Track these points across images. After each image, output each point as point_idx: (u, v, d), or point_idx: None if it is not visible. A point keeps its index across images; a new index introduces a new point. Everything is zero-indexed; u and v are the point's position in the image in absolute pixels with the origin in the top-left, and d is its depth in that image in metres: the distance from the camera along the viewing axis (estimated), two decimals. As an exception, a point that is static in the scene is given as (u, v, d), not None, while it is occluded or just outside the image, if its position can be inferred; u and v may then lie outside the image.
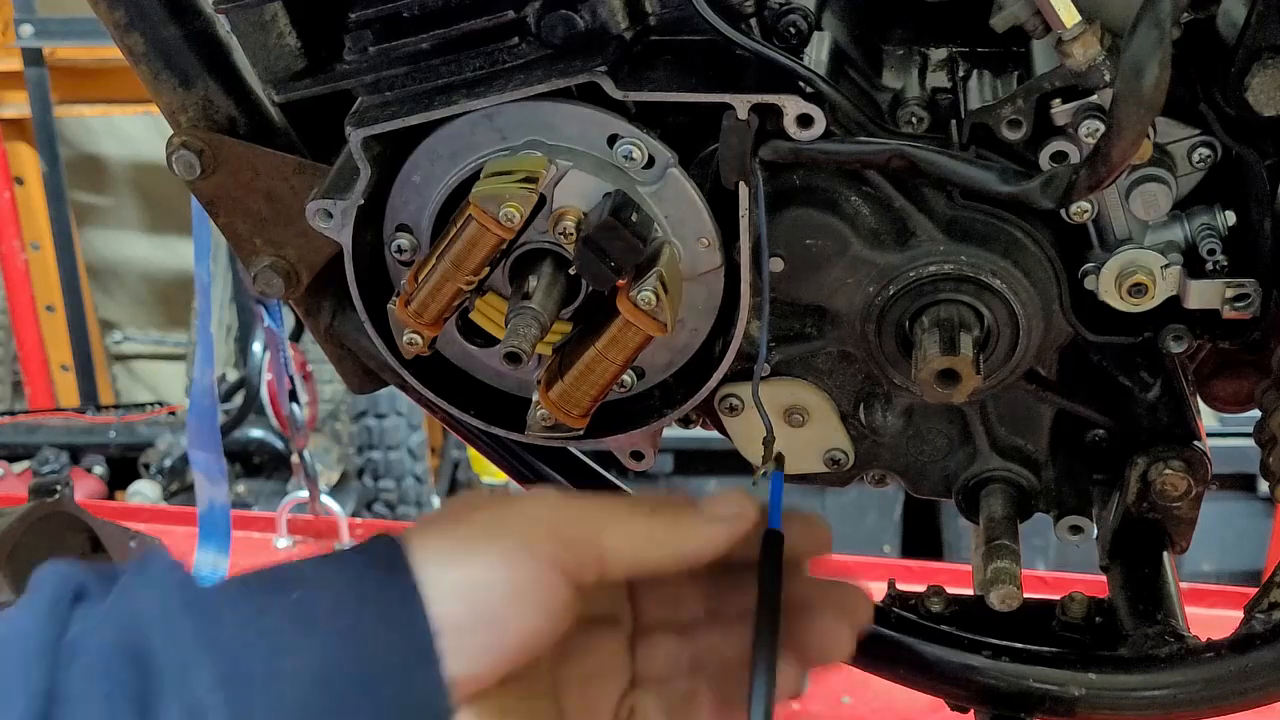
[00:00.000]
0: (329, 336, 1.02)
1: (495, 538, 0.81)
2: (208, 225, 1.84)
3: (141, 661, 0.74)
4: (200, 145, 0.93)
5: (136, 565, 0.80)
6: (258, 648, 0.75)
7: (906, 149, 0.85)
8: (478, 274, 0.85)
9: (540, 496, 0.86)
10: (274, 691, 0.74)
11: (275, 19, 0.90)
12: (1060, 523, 1.01)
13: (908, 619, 1.03)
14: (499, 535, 0.81)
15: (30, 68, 3.78)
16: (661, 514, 0.86)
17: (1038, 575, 1.97)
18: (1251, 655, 0.95)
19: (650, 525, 0.85)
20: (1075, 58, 0.80)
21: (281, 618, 0.77)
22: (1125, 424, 0.98)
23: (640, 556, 0.85)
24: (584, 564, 0.82)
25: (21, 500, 1.61)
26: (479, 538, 0.82)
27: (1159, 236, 0.90)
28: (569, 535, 0.82)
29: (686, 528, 0.85)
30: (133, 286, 4.73)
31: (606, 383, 0.88)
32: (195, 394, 2.06)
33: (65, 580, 0.77)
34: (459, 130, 0.86)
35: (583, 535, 0.83)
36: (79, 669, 0.73)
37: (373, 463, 3.64)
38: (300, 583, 0.79)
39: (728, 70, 0.84)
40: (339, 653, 0.76)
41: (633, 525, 0.84)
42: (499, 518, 0.83)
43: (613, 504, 0.85)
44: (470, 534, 0.82)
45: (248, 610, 0.77)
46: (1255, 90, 0.82)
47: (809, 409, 0.98)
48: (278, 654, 0.75)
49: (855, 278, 0.92)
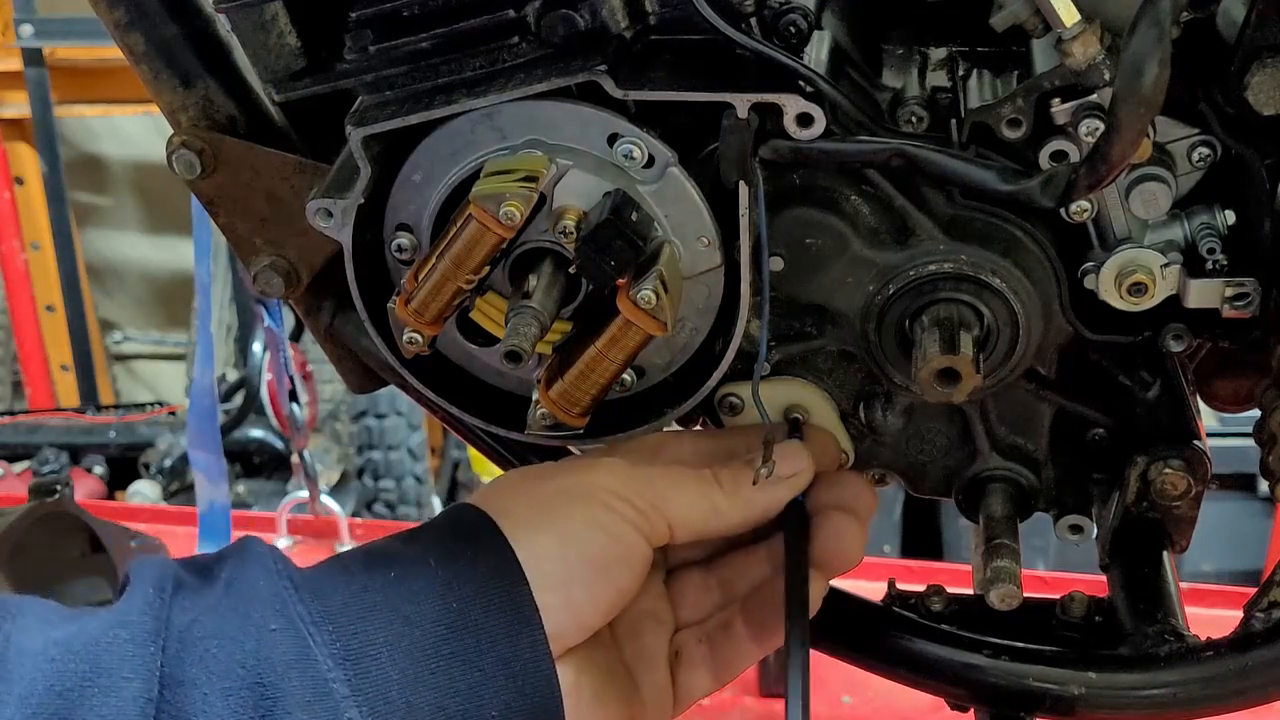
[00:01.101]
0: (329, 336, 1.02)
1: (578, 503, 0.85)
2: (208, 225, 1.84)
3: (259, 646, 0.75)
4: (200, 145, 0.93)
5: (235, 552, 0.82)
6: (369, 623, 0.77)
7: (906, 148, 0.85)
8: (478, 273, 0.85)
9: (608, 465, 0.88)
10: (389, 663, 0.77)
11: (275, 19, 0.90)
12: (1060, 522, 1.01)
13: (908, 619, 1.03)
14: (582, 500, 0.85)
15: (30, 68, 3.78)
16: (725, 481, 0.88)
17: (1038, 575, 1.97)
18: (1251, 655, 0.95)
19: (714, 497, 0.88)
20: (1075, 57, 0.80)
21: (386, 593, 0.79)
22: (1125, 423, 0.98)
23: (705, 527, 0.88)
24: (657, 529, 0.86)
25: (21, 500, 1.61)
26: (562, 503, 0.85)
27: (1159, 236, 0.90)
28: (642, 505, 0.85)
29: (749, 494, 0.88)
30: (133, 286, 4.73)
31: (606, 382, 0.88)
32: (195, 394, 2.06)
33: (163, 573, 0.79)
34: (459, 129, 0.86)
35: (653, 504, 0.86)
36: (195, 656, 0.74)
37: (373, 463, 3.64)
38: (395, 560, 0.82)
39: (728, 70, 0.84)
40: (445, 623, 0.79)
41: (699, 496, 0.87)
42: (575, 485, 0.86)
43: (678, 473, 0.88)
44: (552, 500, 0.85)
45: (352, 589, 0.79)
46: (1255, 89, 0.83)
47: (809, 408, 0.98)
48: (388, 626, 0.78)
49: (855, 277, 0.92)
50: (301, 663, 0.75)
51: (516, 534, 0.82)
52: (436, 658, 0.78)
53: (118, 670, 0.72)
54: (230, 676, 0.73)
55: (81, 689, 0.71)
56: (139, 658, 0.73)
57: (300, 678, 0.74)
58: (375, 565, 0.81)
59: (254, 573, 0.79)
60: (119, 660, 0.72)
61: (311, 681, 0.74)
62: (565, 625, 0.82)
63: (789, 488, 0.90)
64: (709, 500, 0.87)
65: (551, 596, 0.81)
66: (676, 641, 0.93)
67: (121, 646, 0.73)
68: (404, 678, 0.77)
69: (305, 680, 0.74)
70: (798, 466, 0.90)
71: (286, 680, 0.74)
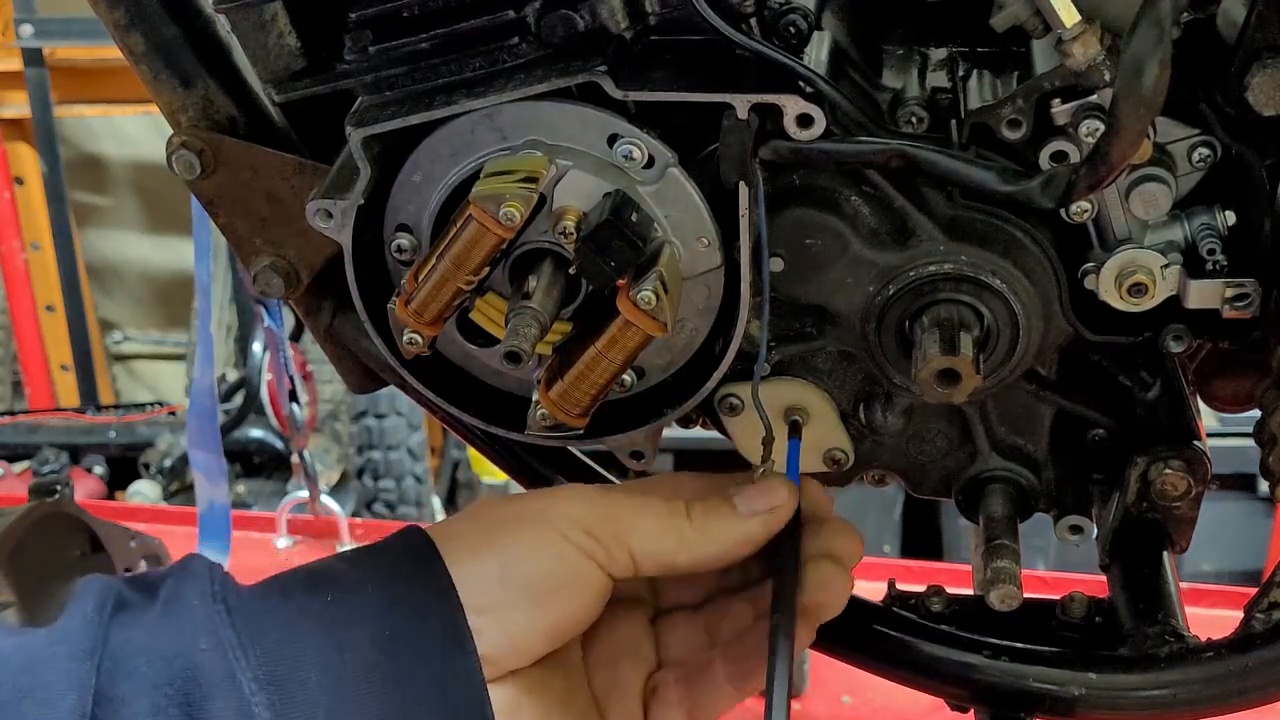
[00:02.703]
0: (329, 336, 1.02)
1: (528, 525, 0.83)
2: (208, 225, 1.84)
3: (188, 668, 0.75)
4: (200, 145, 0.93)
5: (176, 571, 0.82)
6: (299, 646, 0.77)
7: (906, 149, 0.85)
8: (478, 274, 0.85)
9: (571, 491, 0.87)
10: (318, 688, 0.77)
11: (275, 19, 0.90)
12: (1060, 523, 1.01)
13: (908, 619, 1.03)
14: (532, 523, 0.83)
15: (30, 68, 3.78)
16: (696, 514, 0.86)
17: (1038, 575, 1.96)
18: (1251, 655, 0.95)
19: (682, 529, 0.85)
20: (1075, 57, 0.80)
21: (319, 619, 0.79)
22: (1125, 424, 0.98)
23: (672, 561, 0.85)
24: (616, 560, 0.84)
25: (21, 500, 1.61)
26: (511, 526, 0.84)
27: (1159, 236, 0.89)
28: (601, 534, 0.83)
29: (720, 529, 0.85)
30: (133, 286, 4.73)
31: (606, 382, 0.88)
32: (195, 394, 2.06)
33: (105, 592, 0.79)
34: (459, 130, 0.86)
35: (614, 534, 0.83)
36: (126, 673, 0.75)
37: (373, 463, 3.65)
38: (334, 583, 0.81)
39: (728, 70, 0.84)
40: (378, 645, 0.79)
41: (664, 528, 0.85)
42: (530, 511, 0.85)
43: (645, 503, 0.85)
44: (501, 523, 0.84)
45: (287, 611, 0.79)
46: (1255, 90, 0.82)
47: (809, 409, 0.98)
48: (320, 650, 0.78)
49: (855, 277, 0.92)
50: (226, 684, 0.75)
51: (458, 557, 0.82)
52: (368, 681, 0.78)
53: (54, 685, 0.73)
54: (158, 694, 0.74)
55: (17, 702, 0.72)
56: (75, 673, 0.74)
57: (224, 699, 0.74)
58: (314, 587, 0.81)
59: (190, 592, 0.79)
60: (55, 675, 0.73)
61: (235, 703, 0.75)
62: (501, 648, 0.81)
63: (763, 523, 0.86)
64: (676, 532, 0.85)
65: (485, 619, 0.80)
66: (655, 679, 0.92)
67: (59, 662, 0.74)
68: (332, 701, 0.76)
69: (229, 702, 0.75)
70: (774, 500, 0.86)
71: (211, 701, 0.74)
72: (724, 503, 0.86)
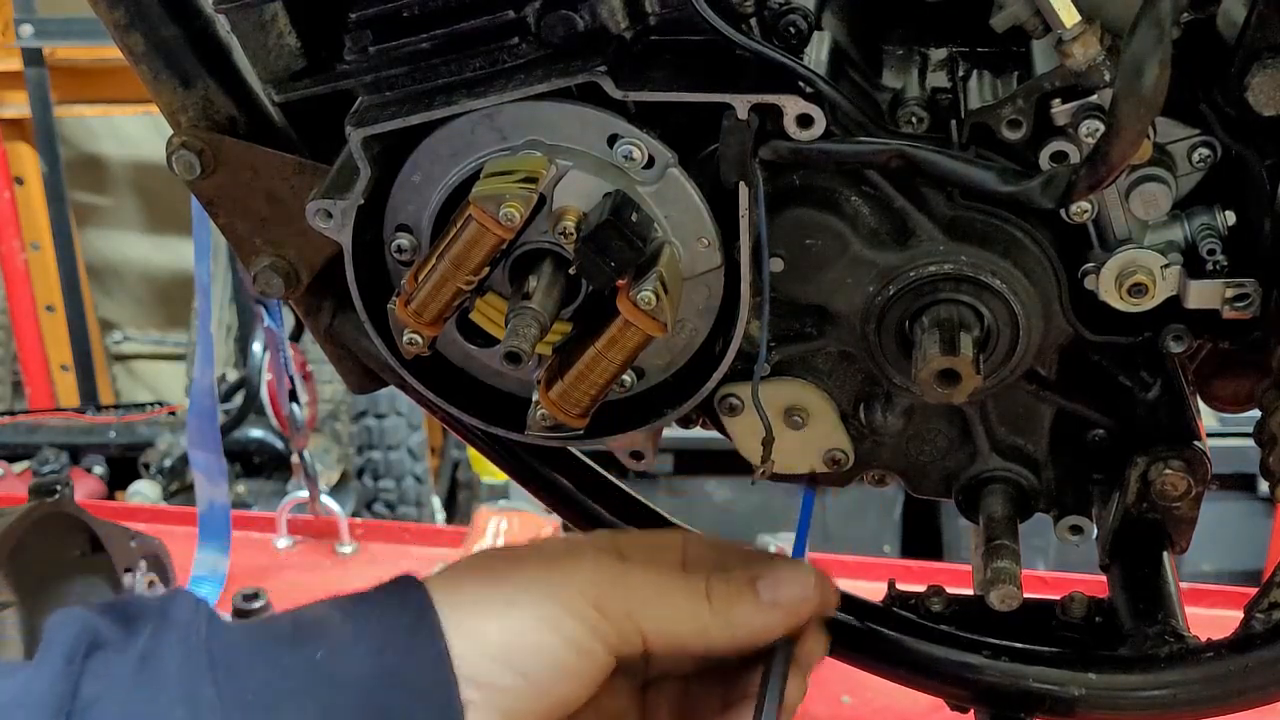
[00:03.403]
0: (329, 336, 1.02)
1: (537, 599, 0.79)
2: (208, 225, 1.84)
3: None
4: (200, 145, 0.93)
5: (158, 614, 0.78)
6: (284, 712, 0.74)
7: (906, 149, 0.85)
8: (478, 274, 0.85)
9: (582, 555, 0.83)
10: None
11: (275, 19, 0.90)
12: (1060, 523, 1.01)
13: (908, 619, 1.03)
14: (541, 597, 0.79)
15: (30, 68, 3.78)
16: (716, 596, 0.82)
17: (1038, 575, 1.96)
18: (1251, 655, 0.95)
19: (701, 614, 0.81)
20: (1075, 58, 0.80)
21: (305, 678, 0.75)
22: (1125, 424, 0.98)
23: (687, 645, 0.82)
24: (626, 639, 0.80)
25: (21, 500, 1.61)
26: (518, 596, 0.80)
27: (1159, 236, 0.89)
28: (613, 611, 0.80)
29: (742, 616, 0.82)
30: (133, 286, 4.73)
31: (606, 383, 0.88)
32: (195, 394, 2.06)
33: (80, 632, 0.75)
34: (459, 130, 0.86)
35: (626, 612, 0.80)
36: None
37: (373, 463, 3.64)
38: (325, 637, 0.78)
39: (728, 70, 0.84)
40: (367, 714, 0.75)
41: (683, 611, 0.81)
42: (540, 578, 0.81)
43: (663, 582, 0.82)
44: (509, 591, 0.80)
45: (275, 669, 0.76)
46: (1255, 90, 0.82)
47: (809, 409, 0.98)
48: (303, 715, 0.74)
49: (855, 277, 0.92)
50: None
51: (458, 618, 0.78)
52: None
53: None
54: None
55: None
56: None
57: None
58: (305, 640, 0.77)
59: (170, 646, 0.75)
60: None
61: None
62: None
63: (785, 616, 0.83)
64: (694, 618, 0.81)
65: (480, 695, 0.77)
66: None
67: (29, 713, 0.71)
68: None
69: None
70: (802, 592, 0.83)
71: None
72: (747, 587, 0.83)
